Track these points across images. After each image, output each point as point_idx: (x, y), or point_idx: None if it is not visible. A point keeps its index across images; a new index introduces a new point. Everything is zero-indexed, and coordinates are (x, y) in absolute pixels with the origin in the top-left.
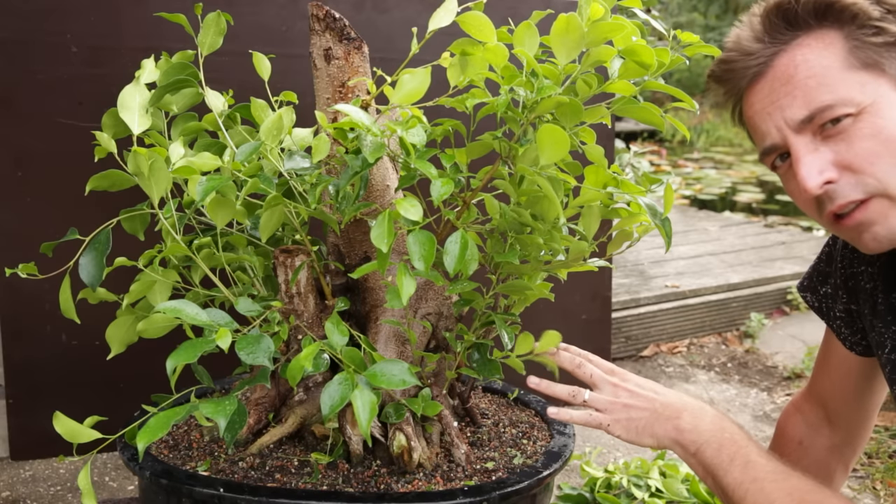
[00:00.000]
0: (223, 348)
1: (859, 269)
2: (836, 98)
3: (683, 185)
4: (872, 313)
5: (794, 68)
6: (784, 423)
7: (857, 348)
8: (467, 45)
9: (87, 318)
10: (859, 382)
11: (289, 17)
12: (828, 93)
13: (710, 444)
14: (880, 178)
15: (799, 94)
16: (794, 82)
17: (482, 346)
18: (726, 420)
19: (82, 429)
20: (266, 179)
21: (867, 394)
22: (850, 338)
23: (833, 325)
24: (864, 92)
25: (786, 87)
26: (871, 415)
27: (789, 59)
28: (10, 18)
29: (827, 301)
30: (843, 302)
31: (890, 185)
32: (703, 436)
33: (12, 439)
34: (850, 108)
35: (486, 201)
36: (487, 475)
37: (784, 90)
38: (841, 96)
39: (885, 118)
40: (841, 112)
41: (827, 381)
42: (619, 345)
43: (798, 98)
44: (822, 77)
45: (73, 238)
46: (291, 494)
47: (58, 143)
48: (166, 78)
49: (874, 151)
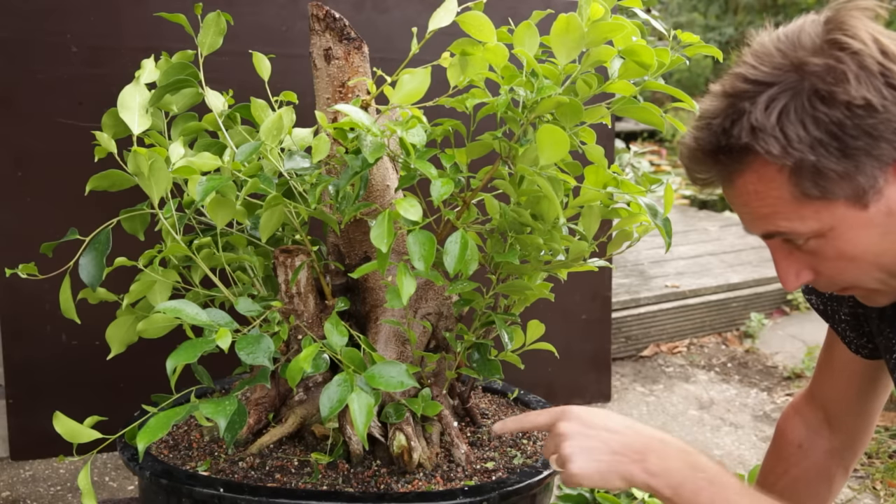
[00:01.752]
0: (223, 348)
1: None
2: (791, 227)
3: (683, 185)
4: (880, 317)
5: (748, 195)
6: (784, 425)
7: (862, 351)
8: (467, 45)
9: (87, 318)
10: (862, 385)
11: (289, 17)
12: (783, 219)
13: (685, 486)
14: (850, 282)
15: (757, 217)
16: (750, 206)
17: (482, 346)
18: (694, 454)
19: (82, 429)
20: (266, 179)
21: (870, 397)
22: (856, 341)
23: (838, 329)
24: (821, 220)
25: (746, 207)
26: (873, 418)
27: (744, 183)
28: (10, 18)
29: (832, 304)
30: (850, 305)
31: (862, 284)
32: (675, 477)
33: (12, 439)
34: (808, 236)
35: (486, 201)
36: (487, 475)
37: (746, 209)
38: (796, 227)
39: (845, 241)
40: (800, 240)
41: (829, 384)
42: (619, 345)
43: (757, 221)
44: (775, 207)
45: (73, 238)
46: (291, 494)
47: (58, 143)
48: (166, 78)
49: (841, 266)
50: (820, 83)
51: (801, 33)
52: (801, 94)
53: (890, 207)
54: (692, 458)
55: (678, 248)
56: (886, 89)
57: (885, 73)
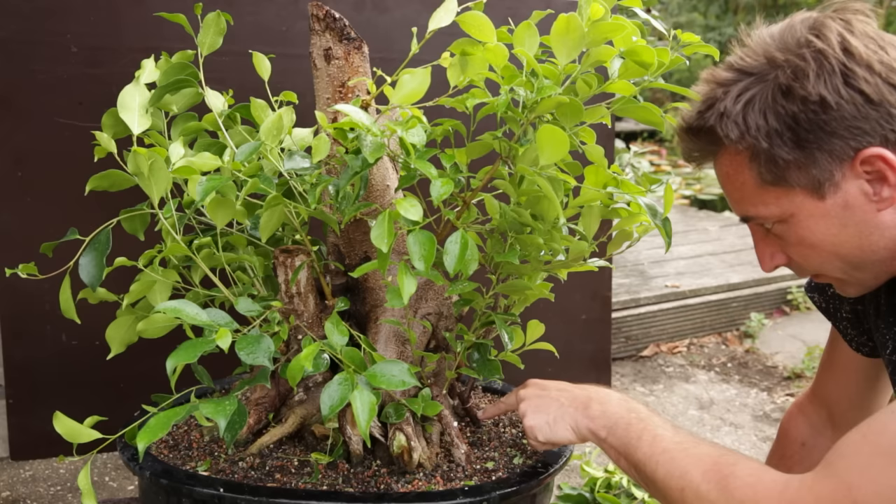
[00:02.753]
0: (223, 348)
1: None
2: (757, 213)
3: (683, 185)
4: (877, 313)
5: (724, 178)
6: (787, 424)
7: (863, 349)
8: (467, 45)
9: (87, 318)
10: (864, 384)
11: (289, 17)
12: (750, 205)
13: (619, 425)
14: (815, 269)
15: (733, 200)
16: (726, 189)
17: (482, 346)
18: (633, 402)
19: (82, 429)
20: (266, 179)
21: (872, 396)
22: (857, 338)
23: (840, 326)
24: (781, 206)
25: (725, 189)
26: None
27: (720, 167)
28: (10, 18)
29: (834, 302)
30: (850, 303)
31: (826, 272)
32: (611, 419)
33: (12, 439)
34: (773, 220)
35: (486, 201)
36: (487, 475)
37: (725, 191)
38: (760, 212)
39: (804, 228)
40: (767, 223)
41: (832, 383)
42: (619, 345)
43: (733, 203)
44: (742, 192)
45: (73, 238)
46: (291, 494)
47: (58, 143)
48: (166, 78)
49: (804, 253)
50: (784, 78)
51: (788, 30)
52: (768, 87)
53: (847, 201)
54: (629, 403)
55: (678, 248)
56: (845, 88)
57: (847, 73)
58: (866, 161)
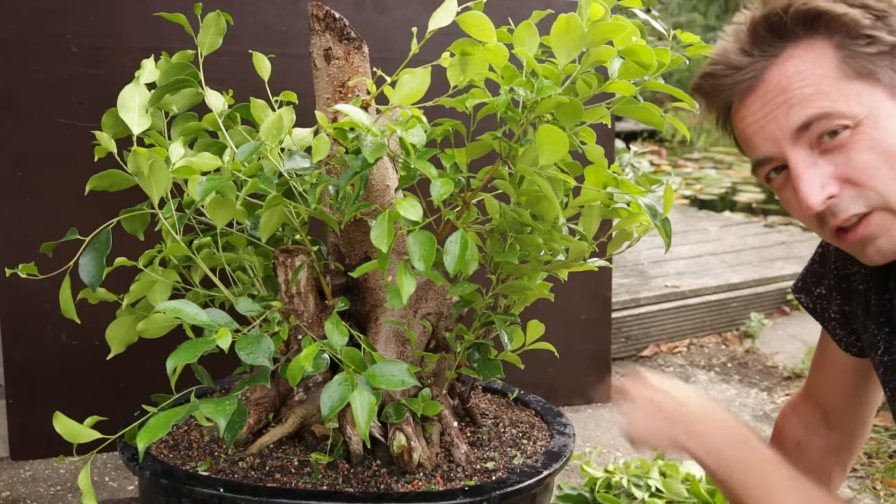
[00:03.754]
0: (223, 348)
1: (853, 270)
2: (833, 107)
3: (683, 185)
4: (865, 315)
5: (788, 79)
6: (781, 423)
7: (852, 349)
8: (467, 45)
9: (87, 318)
10: (855, 383)
11: (289, 17)
12: (825, 100)
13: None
14: (881, 191)
15: (795, 102)
16: (788, 92)
17: (482, 346)
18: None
19: (82, 429)
20: (266, 179)
21: (863, 395)
22: (845, 339)
23: (828, 327)
24: (861, 103)
25: (780, 98)
26: (869, 416)
27: (781, 72)
28: (10, 18)
29: (821, 302)
30: (838, 303)
31: (891, 198)
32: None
33: (12, 439)
34: (846, 120)
35: (486, 201)
36: (487, 475)
37: (778, 101)
38: (838, 107)
39: (882, 130)
40: (838, 124)
41: (823, 383)
42: (619, 345)
43: (794, 106)
44: (818, 85)
45: (73, 238)
46: (291, 494)
47: (58, 143)
48: (166, 78)
49: (873, 164)
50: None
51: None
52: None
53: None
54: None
55: (678, 248)
56: None
57: None
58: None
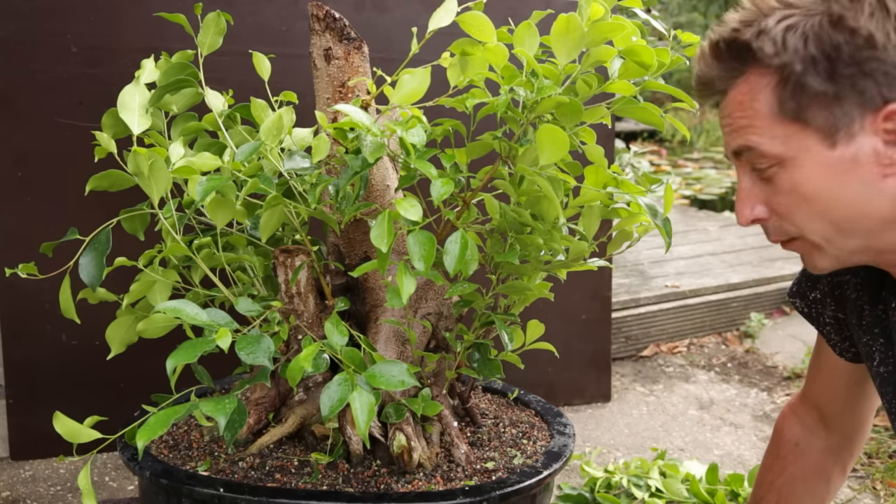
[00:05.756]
0: (223, 348)
1: (845, 277)
2: (759, 144)
3: (683, 185)
4: (858, 324)
5: (733, 106)
6: (781, 424)
7: (846, 354)
8: (467, 45)
9: (87, 318)
10: (852, 387)
11: (289, 17)
12: (754, 135)
13: None
14: (799, 226)
15: (733, 129)
16: (731, 118)
17: (482, 346)
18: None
19: (82, 429)
20: (266, 179)
21: (860, 398)
22: (840, 344)
23: (823, 331)
24: (787, 144)
25: (727, 119)
26: (867, 418)
27: (735, 94)
28: (10, 18)
29: (816, 307)
30: (832, 309)
31: (807, 232)
32: None
33: (12, 439)
34: (772, 160)
35: (486, 201)
36: (487, 475)
37: (726, 121)
38: (763, 145)
39: (803, 175)
40: (765, 162)
41: (820, 386)
42: (619, 345)
43: (733, 132)
44: (752, 119)
45: (73, 238)
46: (291, 494)
47: (58, 143)
48: (166, 78)
49: (793, 203)
50: (837, 6)
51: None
52: (816, 17)
53: (856, 156)
54: None
55: (678, 248)
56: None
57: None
58: (890, 116)
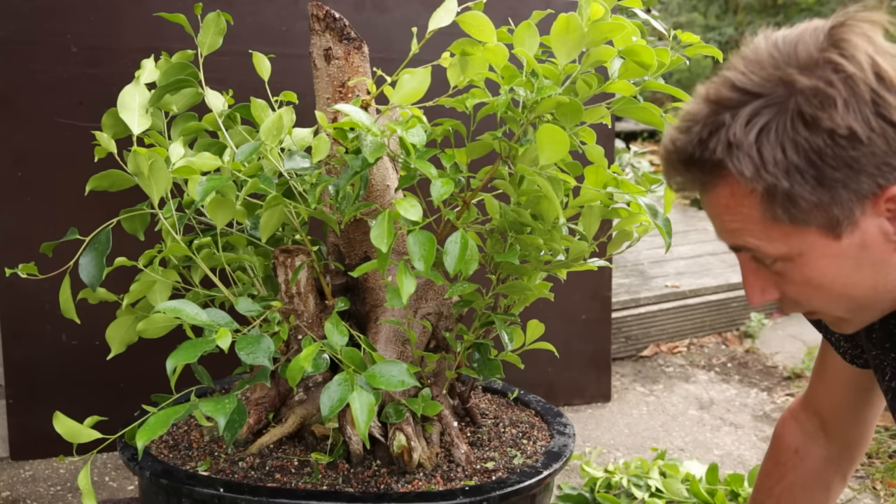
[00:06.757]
0: (223, 348)
1: None
2: (758, 245)
3: None
4: (868, 337)
5: (721, 207)
6: (781, 430)
7: (857, 361)
8: (467, 45)
9: (87, 318)
10: (857, 394)
11: (289, 17)
12: (751, 237)
13: None
14: (816, 308)
15: (726, 230)
16: (721, 217)
17: (482, 346)
18: None
19: (82, 429)
20: (266, 179)
21: (865, 406)
22: (851, 351)
23: (831, 339)
24: (789, 244)
25: (718, 219)
26: (870, 427)
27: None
28: (10, 18)
29: None
30: None
31: (828, 312)
32: None
33: (12, 439)
34: (776, 258)
35: (486, 201)
36: (487, 475)
37: (717, 220)
38: (763, 247)
39: (813, 268)
40: (769, 259)
41: (823, 393)
42: (619, 345)
43: (726, 232)
44: (744, 223)
45: (73, 238)
46: (291, 494)
47: (58, 143)
48: (166, 78)
49: (808, 294)
50: (806, 105)
51: (798, 43)
52: (785, 113)
53: (864, 241)
54: None
55: (678, 248)
56: (875, 119)
57: (878, 101)
58: (892, 199)
